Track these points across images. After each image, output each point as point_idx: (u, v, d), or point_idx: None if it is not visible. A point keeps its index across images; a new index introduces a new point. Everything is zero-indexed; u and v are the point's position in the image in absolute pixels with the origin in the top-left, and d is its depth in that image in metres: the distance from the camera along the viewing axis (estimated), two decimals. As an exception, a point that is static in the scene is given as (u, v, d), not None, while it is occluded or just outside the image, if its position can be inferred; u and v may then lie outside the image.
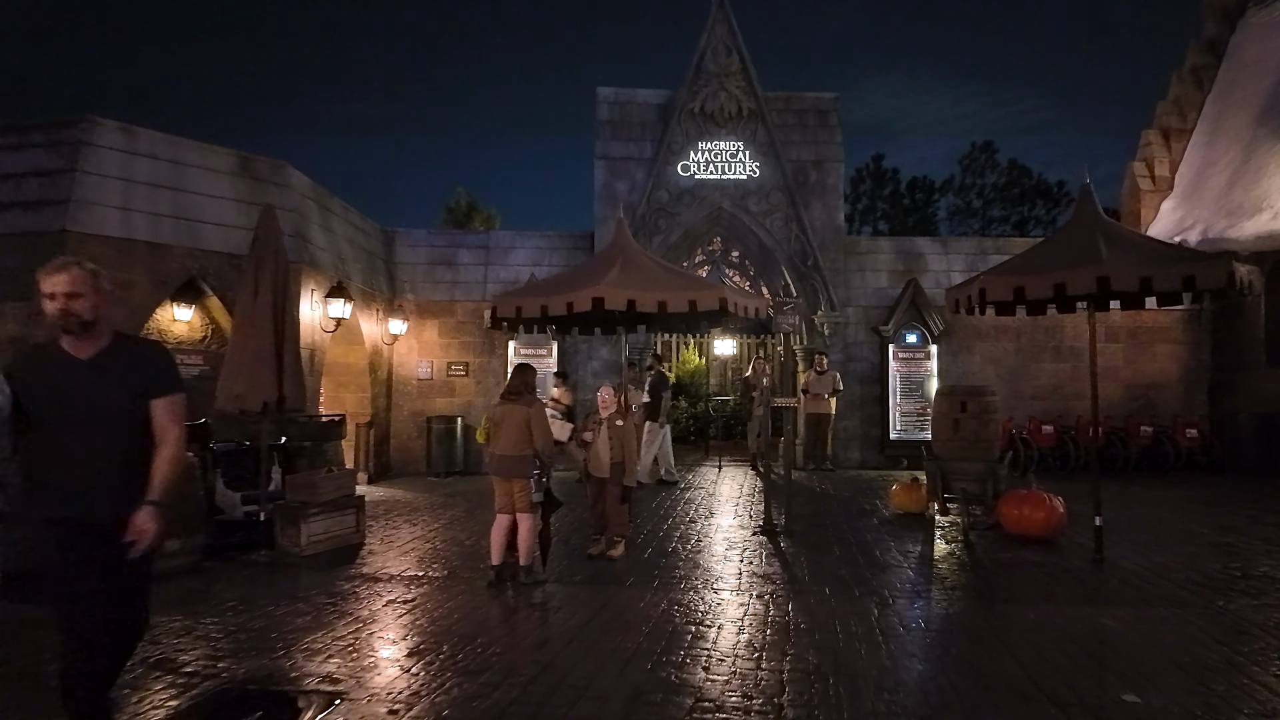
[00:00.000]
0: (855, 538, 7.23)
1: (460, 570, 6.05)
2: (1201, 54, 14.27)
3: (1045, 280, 5.50)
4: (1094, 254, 5.46)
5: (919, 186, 31.76)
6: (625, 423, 6.29)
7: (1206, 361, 12.86)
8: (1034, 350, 12.80)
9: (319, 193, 9.78)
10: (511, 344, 12.20)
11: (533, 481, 5.45)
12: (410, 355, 12.29)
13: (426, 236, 12.74)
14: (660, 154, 12.48)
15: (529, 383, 5.69)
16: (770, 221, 12.67)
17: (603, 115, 12.73)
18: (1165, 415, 12.31)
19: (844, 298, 12.71)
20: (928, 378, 12.45)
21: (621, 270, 6.98)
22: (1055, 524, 6.89)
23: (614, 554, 6.33)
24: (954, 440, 7.57)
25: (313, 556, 6.56)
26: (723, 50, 12.55)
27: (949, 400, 7.66)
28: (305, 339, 8.89)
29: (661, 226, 12.54)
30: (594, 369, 12.47)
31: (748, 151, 12.64)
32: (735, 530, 7.60)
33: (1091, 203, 6.08)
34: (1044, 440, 11.66)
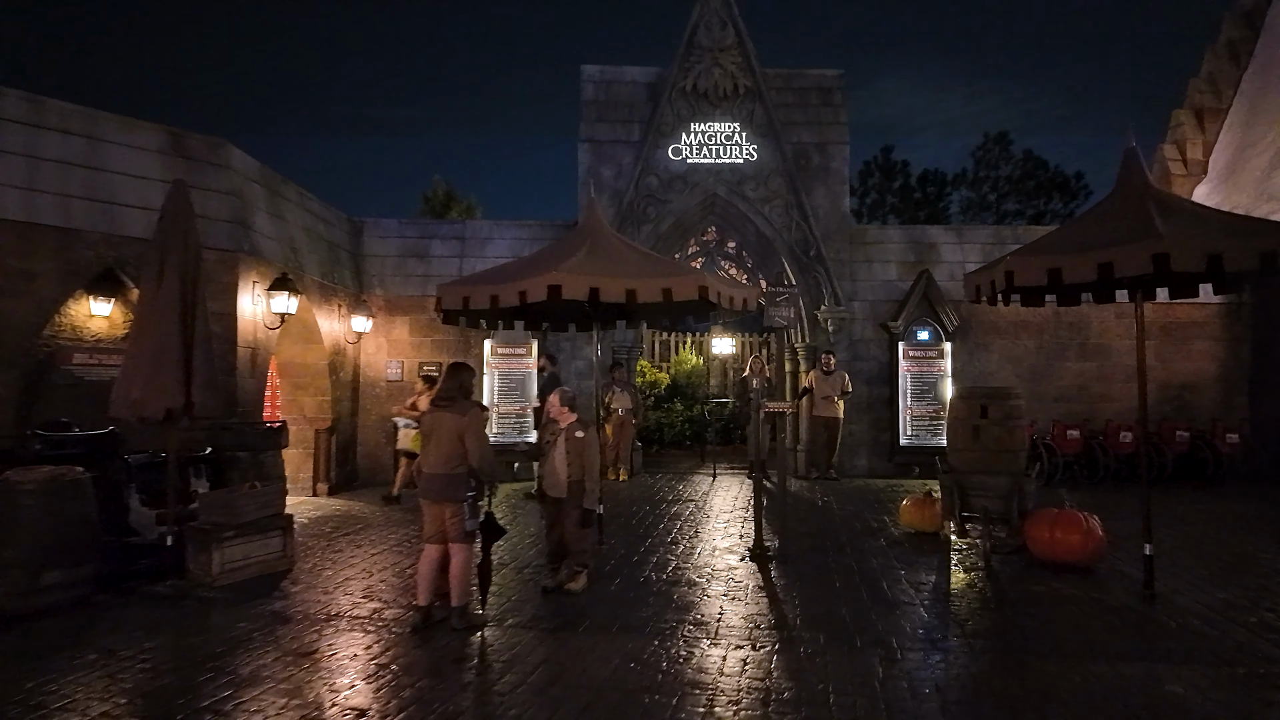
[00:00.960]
0: (859, 564, 6.24)
1: (388, 608, 5.12)
2: (1238, 26, 13.17)
3: (1087, 261, 4.51)
4: (1147, 227, 4.46)
5: (930, 180, 30.63)
6: (586, 434, 5.34)
7: (1246, 360, 11.77)
8: (1057, 348, 11.75)
9: (268, 176, 8.89)
10: (488, 342, 11.26)
11: (466, 506, 4.50)
12: (379, 355, 11.38)
13: (397, 227, 11.84)
14: (649, 136, 11.51)
15: (464, 385, 4.75)
16: (769, 209, 11.68)
17: (587, 95, 11.78)
18: (1202, 419, 11.24)
19: (850, 291, 11.70)
20: (941, 378, 11.42)
21: (588, 255, 6.05)
22: (1093, 550, 5.89)
23: (574, 587, 5.38)
24: (973, 450, 6.57)
25: (227, 587, 5.65)
26: (717, 23, 11.57)
27: (967, 404, 6.66)
28: (246, 337, 8.00)
29: (651, 215, 11.58)
30: (578, 369, 11.52)
31: (744, 133, 11.65)
32: (722, 554, 6.64)
33: (1139, 168, 5.08)
34: (1069, 447, 10.62)
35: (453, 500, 4.53)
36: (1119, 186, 5.14)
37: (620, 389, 10.97)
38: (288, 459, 9.98)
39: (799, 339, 11.81)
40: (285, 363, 10.03)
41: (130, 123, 7.39)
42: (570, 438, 5.32)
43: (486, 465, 4.56)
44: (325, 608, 5.16)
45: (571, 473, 5.28)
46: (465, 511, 4.48)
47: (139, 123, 7.47)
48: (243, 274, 7.93)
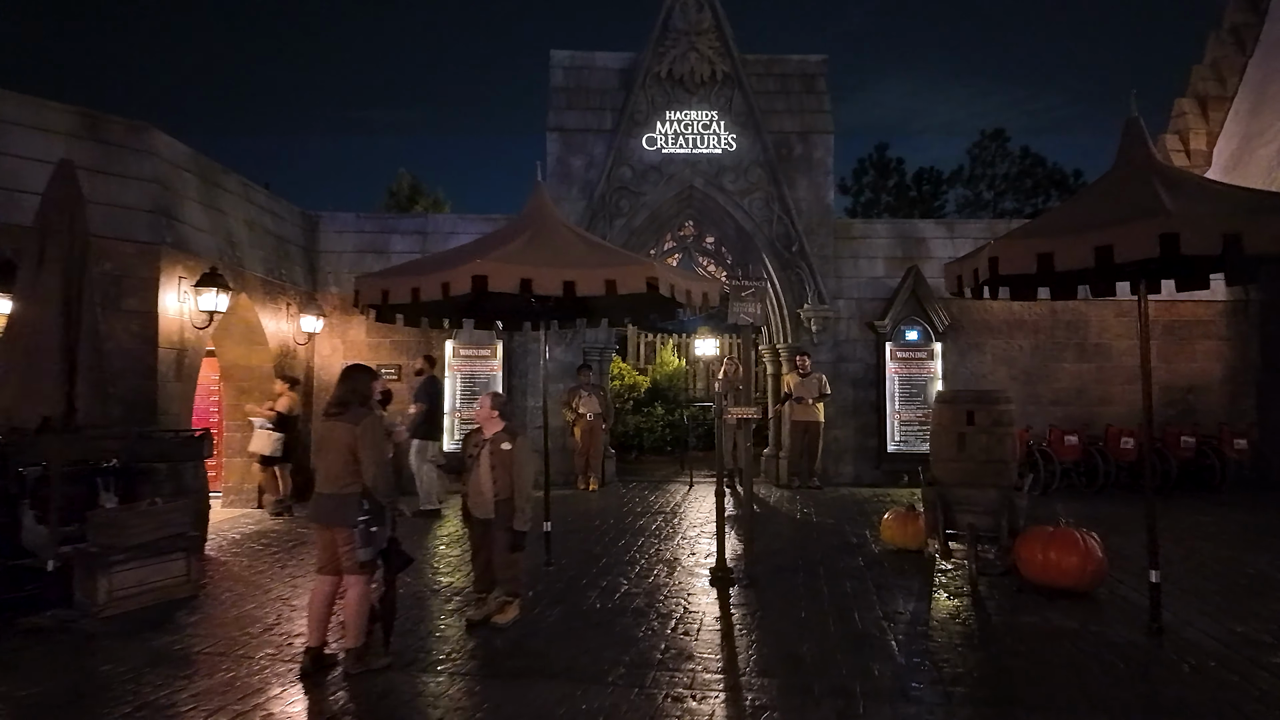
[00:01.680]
0: (831, 588, 5.59)
1: (288, 646, 4.46)
2: (1242, 11, 12.55)
3: (1083, 243, 3.86)
4: (1153, 205, 3.82)
5: (926, 178, 30.01)
6: (515, 445, 4.69)
7: (1254, 360, 11.13)
8: (1053, 348, 11.11)
9: (202, 164, 8.24)
10: (449, 344, 10.63)
11: (358, 532, 3.84)
12: (334, 357, 10.73)
13: (355, 221, 11.20)
14: (622, 125, 10.89)
15: (360, 391, 4.10)
16: (749, 202, 11.05)
17: (556, 81, 11.15)
18: (1208, 423, 10.59)
19: (834, 289, 11.07)
20: (930, 380, 10.78)
21: (528, 243, 5.42)
22: (1092, 573, 5.24)
23: (501, 620, 4.73)
24: (958, 461, 5.92)
25: (115, 618, 5.00)
26: (693, 5, 10.95)
27: (952, 409, 6.02)
28: (170, 337, 7.35)
29: (624, 208, 10.94)
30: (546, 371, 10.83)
31: (722, 122, 11.03)
32: (682, 576, 5.99)
33: (1142, 140, 4.44)
34: (1067, 453, 9.98)
35: (344, 525, 3.88)
36: (1120, 161, 4.50)
37: (588, 392, 10.33)
38: (231, 469, 9.37)
39: (781, 339, 11.18)
40: (228, 365, 9.39)
41: (34, 102, 6.75)
42: (496, 450, 4.67)
43: (383, 483, 3.90)
44: (215, 644, 4.51)
45: (498, 490, 4.63)
46: (358, 538, 3.83)
47: (46, 103, 6.82)
48: (166, 269, 7.28)
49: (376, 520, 3.91)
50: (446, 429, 10.54)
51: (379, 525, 3.92)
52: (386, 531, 4.00)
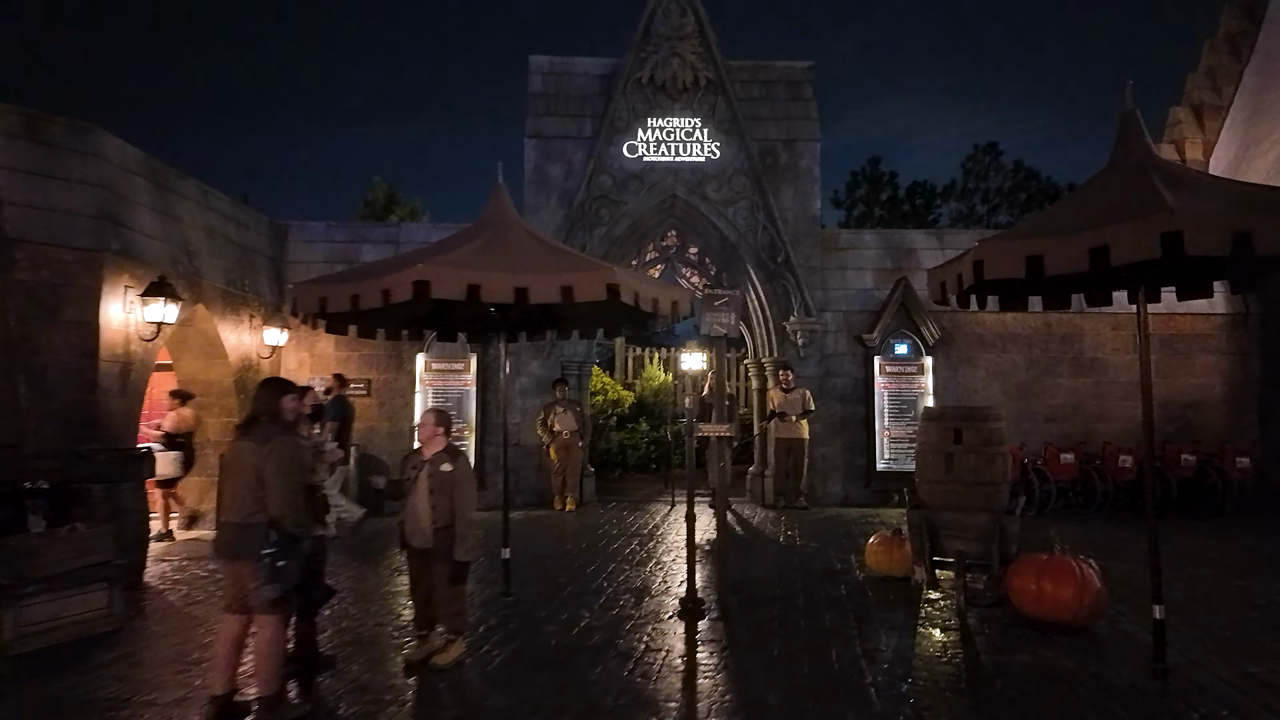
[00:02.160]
0: (809, 621, 5.17)
1: (201, 692, 4.02)
2: (1237, 18, 12.31)
3: (1076, 245, 3.49)
4: (1153, 201, 3.45)
5: (919, 191, 29.80)
6: (456, 466, 4.28)
7: (1255, 375, 10.77)
8: (1048, 362, 10.73)
9: (155, 169, 7.87)
10: (421, 357, 10.22)
11: (262, 566, 3.42)
12: (301, 371, 10.32)
13: (325, 230, 10.82)
14: (603, 132, 10.55)
15: (270, 408, 3.69)
16: (733, 211, 10.70)
17: (535, 87, 10.83)
18: (1209, 440, 10.20)
19: (821, 300, 10.70)
20: (921, 396, 10.39)
21: (482, 248, 5.05)
22: (1089, 606, 4.82)
23: (442, 661, 4.29)
24: (946, 482, 5.52)
25: (23, 657, 4.56)
26: (676, 9, 10.65)
27: (939, 427, 5.63)
28: (114, 350, 6.94)
29: (604, 217, 10.59)
30: (522, 386, 10.47)
31: (706, 129, 10.70)
32: (651, 607, 5.56)
33: (1139, 134, 4.08)
34: (1063, 472, 9.58)
35: (247, 558, 3.46)
36: (1116, 157, 4.14)
37: (564, 408, 9.91)
38: (189, 489, 8.92)
39: (766, 353, 10.80)
40: (186, 380, 8.97)
41: (-31, 101, 6.38)
42: (435, 472, 4.26)
43: (290, 512, 3.48)
44: (121, 688, 4.07)
45: (437, 516, 4.21)
46: (262, 573, 3.40)
47: (-18, 101, 6.45)
48: (110, 277, 6.88)
49: (285, 553, 3.48)
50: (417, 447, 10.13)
51: (287, 559, 3.49)
52: (298, 565, 3.58)
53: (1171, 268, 4.61)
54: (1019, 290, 5.08)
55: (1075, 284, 5.04)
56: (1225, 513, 9.42)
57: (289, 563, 3.52)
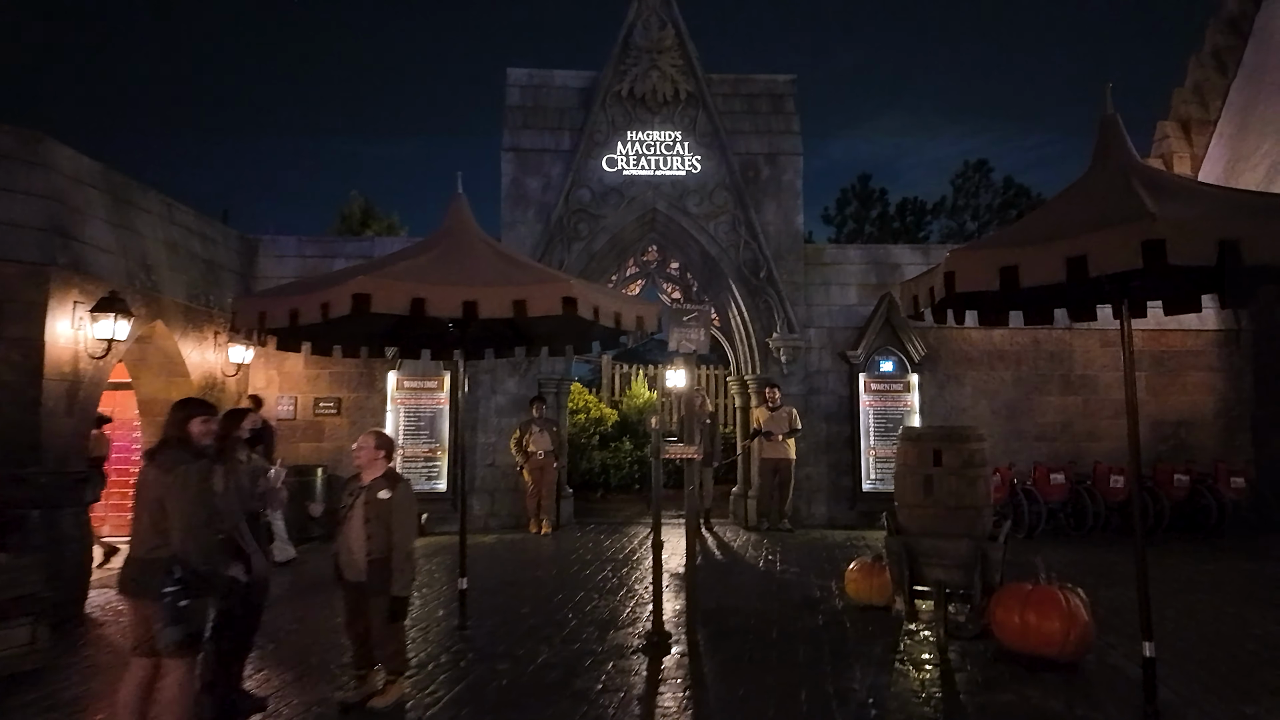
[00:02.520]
0: (780, 656, 4.86)
1: (110, 737, 3.70)
2: (1224, 33, 12.21)
3: (1052, 254, 3.24)
4: (1134, 208, 3.21)
5: (910, 208, 29.75)
6: (395, 493, 3.98)
7: (1248, 394, 10.55)
8: (1037, 380, 10.49)
9: (113, 180, 7.62)
10: (392, 375, 9.93)
11: (163, 605, 3.11)
12: (269, 389, 10.02)
13: (297, 245, 10.56)
14: (581, 145, 10.35)
15: (181, 430, 3.40)
16: (715, 225, 10.49)
17: (513, 100, 10.64)
18: (1202, 459, 9.96)
19: (805, 317, 10.47)
20: (907, 414, 10.13)
21: (433, 260, 4.80)
22: (1077, 640, 4.53)
23: (381, 702, 3.98)
24: (925, 506, 5.24)
25: (-70, 699, 4.22)
26: (655, 22, 10.50)
27: (917, 448, 5.35)
28: (60, 368, 6.63)
29: (583, 231, 10.36)
30: (498, 405, 10.18)
31: (686, 143, 10.52)
32: (614, 640, 5.24)
33: (1121, 139, 3.85)
34: (1053, 493, 9.30)
35: (149, 597, 3.15)
36: (1095, 163, 3.91)
37: (539, 428, 9.60)
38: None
39: (749, 370, 10.54)
40: (147, 399, 8.66)
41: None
42: (372, 499, 3.96)
43: (193, 546, 3.17)
44: (27, 736, 3.74)
45: (372, 548, 3.91)
46: (163, 614, 3.10)
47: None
48: (58, 292, 6.59)
49: (189, 592, 3.17)
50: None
51: (192, 598, 3.18)
52: (208, 605, 3.27)
53: (1157, 280, 4.37)
54: (999, 304, 4.84)
55: (1057, 298, 4.80)
56: (1220, 535, 9.15)
57: (193, 602, 3.21)
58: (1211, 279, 4.39)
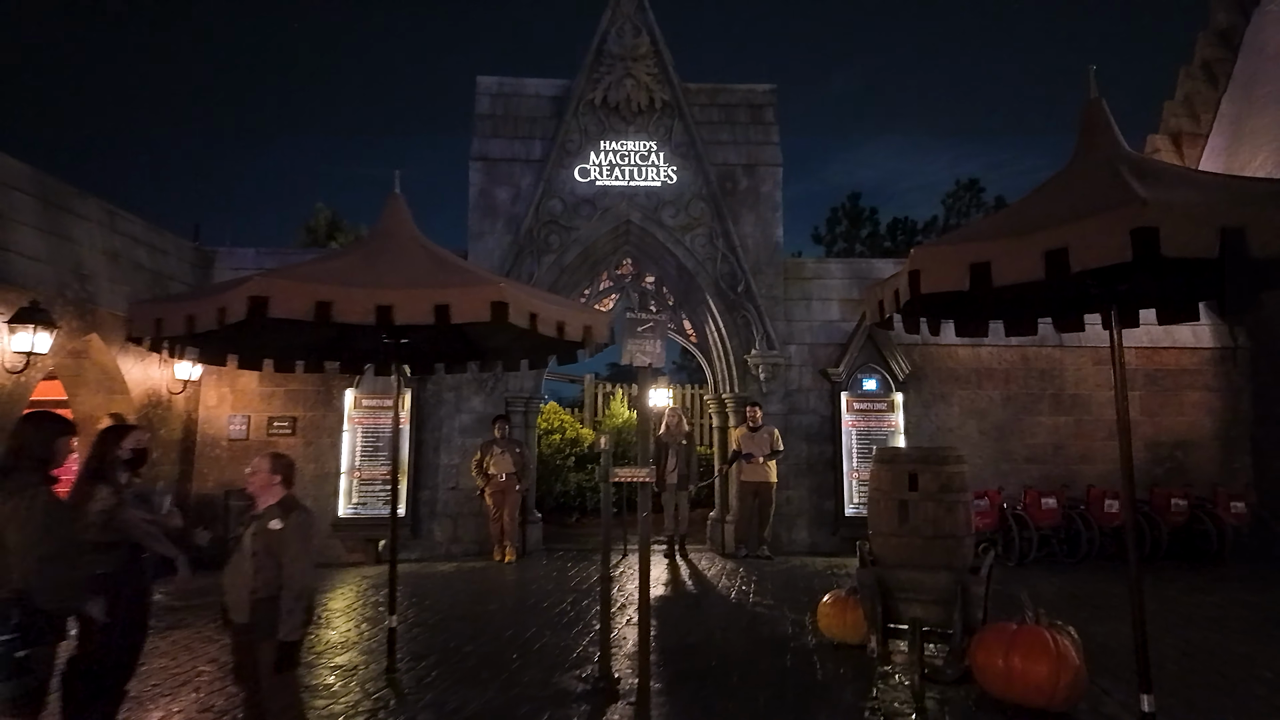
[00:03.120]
0: (741, 705, 4.36)
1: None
2: (1213, 46, 11.97)
3: (1029, 248, 2.81)
4: (1122, 194, 2.79)
5: (901, 228, 29.49)
6: (288, 524, 3.49)
7: (1247, 414, 10.12)
8: (1027, 399, 10.06)
9: (46, 185, 7.20)
10: (349, 393, 9.44)
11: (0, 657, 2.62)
12: (221, 408, 9.52)
13: (255, 257, 10.12)
14: (553, 155, 9.98)
15: (30, 450, 2.93)
16: (691, 238, 10.10)
17: (483, 108, 10.28)
18: (1201, 483, 9.51)
19: (785, 333, 10.04)
20: (892, 434, 9.67)
21: (358, 261, 4.36)
22: (1068, 687, 4.04)
23: (271, 762, 3.45)
24: (899, 535, 4.77)
25: None
26: (630, 29, 10.18)
27: (891, 471, 4.90)
28: (-26, 382, 6.16)
29: (554, 244, 9.95)
30: (462, 424, 9.68)
31: (662, 153, 10.15)
32: (558, 684, 4.74)
33: (1106, 126, 3.45)
34: (1045, 518, 8.82)
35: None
36: (1079, 153, 3.50)
37: (502, 449, 9.09)
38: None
39: (727, 388, 10.09)
40: (83, 418, 8.15)
41: None
42: (262, 529, 3.47)
43: (39, 583, 2.69)
44: None
45: (259, 585, 3.40)
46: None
47: None
48: (-27, 302, 6.14)
49: (32, 638, 2.69)
50: (346, 490, 9.32)
51: (34, 646, 2.70)
52: (54, 654, 2.78)
53: (1150, 282, 3.95)
54: (977, 312, 4.41)
55: (1041, 306, 4.38)
56: (1221, 563, 8.68)
57: (35, 651, 2.72)
58: (1210, 283, 3.98)
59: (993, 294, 4.28)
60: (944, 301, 4.36)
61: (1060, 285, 4.04)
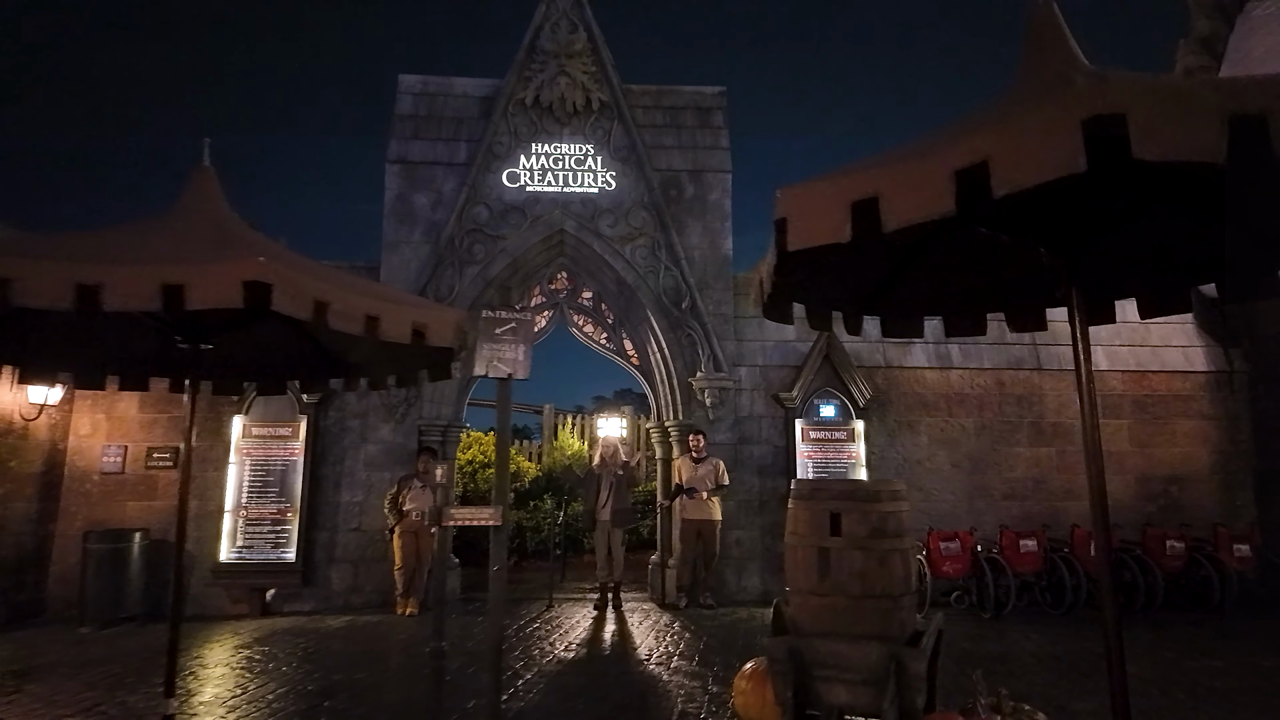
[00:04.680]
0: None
1: None
2: (1195, 54, 11.23)
3: (932, 170, 1.82)
4: (1058, 86, 1.81)
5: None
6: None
7: (1247, 444, 9.13)
8: (1004, 428, 9.05)
9: None
10: (238, 420, 8.35)
11: None
12: (95, 437, 8.42)
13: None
14: (479, 158, 9.08)
15: None
16: (631, 249, 9.16)
17: (404, 109, 9.39)
18: (1199, 522, 8.47)
19: (735, 354, 9.05)
20: (852, 466, 8.63)
21: (129, 238, 3.36)
22: (1033, 809, 2.96)
23: None
24: (819, 595, 3.71)
25: None
26: (565, 25, 9.37)
27: (809, 510, 3.85)
28: None
29: (478, 254, 8.99)
30: (368, 456, 8.59)
31: (600, 156, 9.27)
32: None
33: (1056, 34, 2.48)
34: (1024, 562, 7.75)
35: None
36: (1020, 73, 2.53)
37: (424, 484, 8.02)
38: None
39: (670, 415, 9.06)
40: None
41: None
42: None
43: None
44: None
45: None
46: None
47: None
48: None
49: None
50: (230, 531, 8.19)
51: None
52: None
53: (1124, 260, 2.98)
54: (908, 305, 3.42)
55: (988, 295, 3.39)
56: (1225, 613, 7.59)
57: None
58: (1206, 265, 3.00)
59: (925, 277, 3.31)
60: (860, 291, 3.38)
61: (1009, 263, 3.07)
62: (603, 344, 9.49)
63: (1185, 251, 2.94)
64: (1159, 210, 2.73)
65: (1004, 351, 9.08)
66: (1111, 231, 2.74)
